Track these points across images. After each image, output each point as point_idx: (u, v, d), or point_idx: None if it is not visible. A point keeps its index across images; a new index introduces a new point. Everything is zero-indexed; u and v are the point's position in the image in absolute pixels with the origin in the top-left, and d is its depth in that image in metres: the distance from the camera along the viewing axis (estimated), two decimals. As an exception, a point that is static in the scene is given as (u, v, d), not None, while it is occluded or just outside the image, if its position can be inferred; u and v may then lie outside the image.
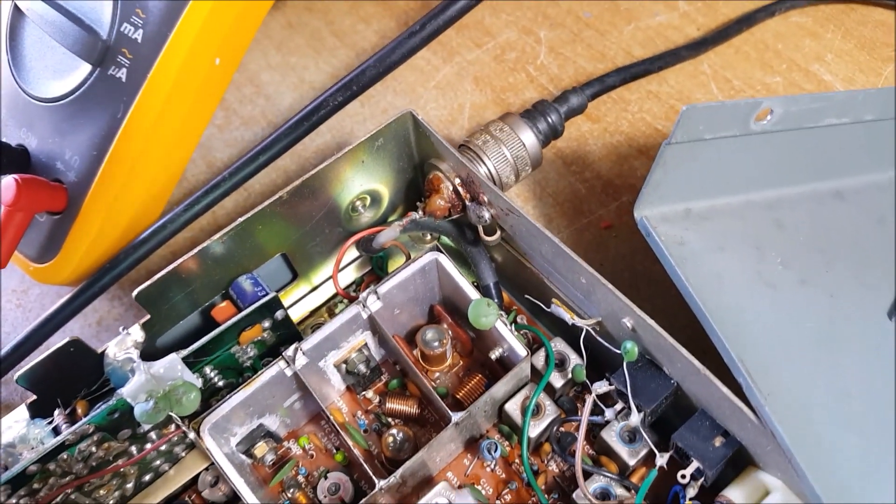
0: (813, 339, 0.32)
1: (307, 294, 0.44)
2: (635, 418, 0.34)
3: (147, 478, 0.38)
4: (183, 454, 0.38)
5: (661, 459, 0.33)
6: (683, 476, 0.32)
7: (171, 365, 0.34)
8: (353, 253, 0.44)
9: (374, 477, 0.34)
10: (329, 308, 0.44)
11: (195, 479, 0.38)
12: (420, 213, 0.40)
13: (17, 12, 0.44)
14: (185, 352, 0.34)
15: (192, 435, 0.34)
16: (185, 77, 0.40)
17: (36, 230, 0.43)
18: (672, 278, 0.33)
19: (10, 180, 0.40)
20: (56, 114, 0.42)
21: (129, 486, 0.37)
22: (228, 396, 0.34)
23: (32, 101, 0.43)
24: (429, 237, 0.44)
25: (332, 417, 0.35)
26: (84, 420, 0.33)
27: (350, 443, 0.35)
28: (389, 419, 0.39)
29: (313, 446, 0.39)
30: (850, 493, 0.28)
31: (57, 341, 0.35)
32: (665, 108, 0.49)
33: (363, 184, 0.40)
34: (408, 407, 0.39)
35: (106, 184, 0.41)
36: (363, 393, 0.40)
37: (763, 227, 0.36)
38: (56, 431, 0.35)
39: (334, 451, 0.39)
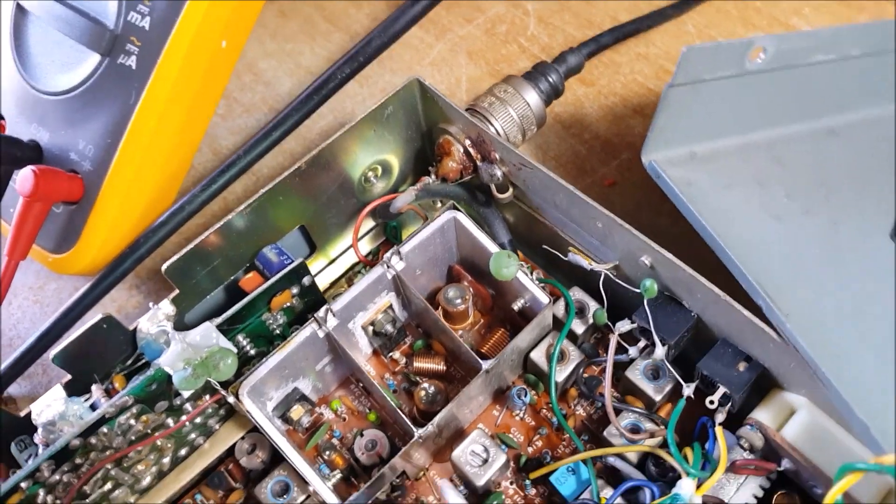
0: (822, 263, 0.34)
1: (325, 267, 0.44)
2: (660, 352, 0.35)
3: (183, 452, 0.38)
4: (217, 427, 0.39)
5: (688, 389, 0.35)
6: (711, 402, 0.34)
7: (206, 332, 0.35)
8: (367, 225, 0.45)
9: (412, 426, 0.35)
10: (348, 279, 0.45)
11: (230, 450, 0.39)
12: (433, 177, 0.41)
13: (21, 11, 0.44)
14: (218, 319, 0.35)
15: (231, 399, 0.35)
16: (193, 61, 0.41)
17: (53, 221, 0.43)
18: (685, 214, 0.35)
19: (27, 171, 0.41)
20: (67, 106, 0.43)
21: (166, 460, 0.38)
22: (265, 359, 0.35)
23: (42, 95, 0.44)
24: (439, 204, 0.45)
25: (366, 372, 0.36)
26: (123, 392, 0.34)
27: (386, 396, 0.36)
28: (417, 378, 0.40)
29: (345, 409, 0.40)
30: (873, 397, 0.29)
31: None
32: (655, 68, 0.50)
33: (374, 154, 0.42)
34: (435, 364, 0.40)
35: (121, 170, 0.42)
36: (390, 355, 0.41)
37: (764, 165, 0.38)
38: (94, 407, 0.35)
39: (367, 412, 0.40)
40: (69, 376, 0.36)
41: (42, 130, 0.44)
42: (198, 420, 0.38)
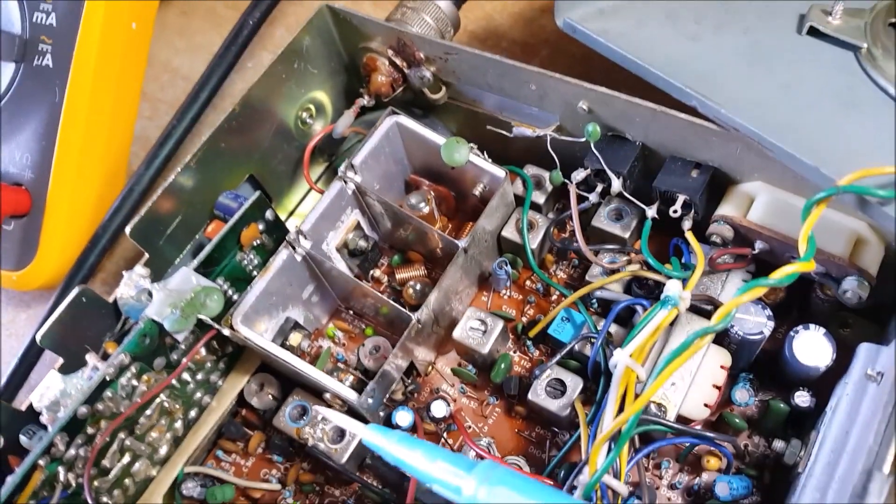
0: (742, 62, 0.36)
1: (287, 219, 0.45)
2: (616, 185, 0.37)
3: (193, 413, 0.39)
4: (220, 382, 0.39)
5: (651, 211, 0.37)
6: (675, 211, 0.35)
7: (185, 277, 0.35)
8: (319, 169, 0.46)
9: (409, 313, 0.35)
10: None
11: (239, 402, 0.39)
12: (365, 97, 0.42)
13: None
14: (194, 262, 0.36)
15: (226, 331, 0.35)
16: (108, 46, 0.42)
17: (7, 240, 0.43)
18: (607, 55, 0.37)
19: (-31, 190, 0.41)
20: (-7, 121, 0.43)
21: (178, 424, 0.38)
22: (249, 287, 0.36)
23: (-36, 119, 0.44)
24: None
25: (351, 278, 0.37)
26: (118, 350, 0.34)
27: (377, 294, 0.37)
28: (402, 287, 0.41)
29: (342, 334, 0.41)
30: (813, 143, 0.31)
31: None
32: (548, -33, 0.53)
33: (303, 92, 0.43)
34: (416, 271, 0.41)
35: (64, 170, 0.42)
36: (371, 273, 0.42)
37: (668, 1, 0.40)
38: (92, 378, 0.35)
39: (363, 328, 0.41)
40: (60, 361, 0.36)
41: (-27, 154, 0.44)
42: (199, 377, 0.38)
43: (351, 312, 0.42)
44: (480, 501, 0.24)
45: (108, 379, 0.34)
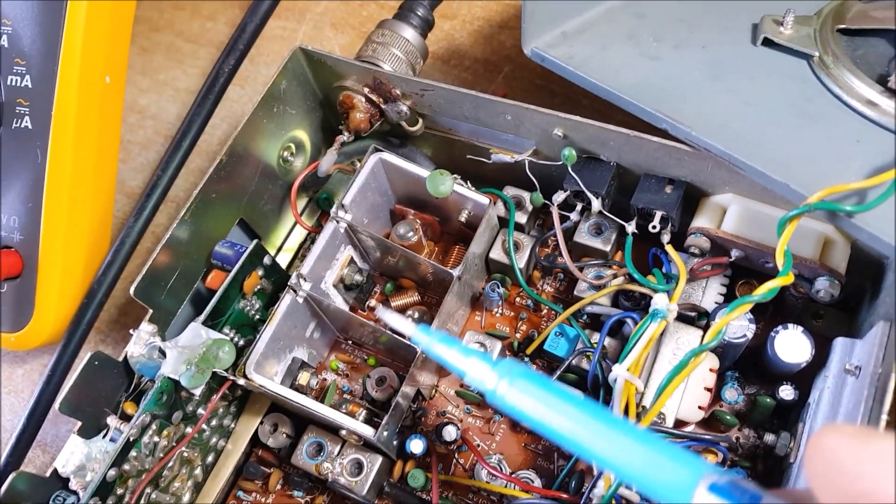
0: (704, 78, 0.38)
1: (275, 255, 0.46)
2: (596, 204, 0.39)
3: (210, 459, 0.40)
4: (233, 425, 0.41)
5: (631, 227, 0.39)
6: (654, 227, 0.38)
7: (195, 331, 0.36)
8: (301, 203, 0.47)
9: (408, 341, 0.37)
10: (302, 258, 0.47)
11: (253, 443, 0.41)
12: (345, 134, 0.43)
13: None
14: (201, 317, 0.37)
15: (241, 381, 0.36)
16: (85, 103, 0.42)
17: (2, 303, 0.44)
18: (576, 81, 0.38)
19: (-39, 259, 0.41)
20: (-25, 188, 0.43)
21: (198, 471, 0.39)
22: (259, 336, 0.37)
23: (-55, 188, 0.44)
24: (358, 163, 0.47)
25: (352, 314, 0.39)
26: (140, 411, 0.35)
27: (379, 328, 0.38)
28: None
29: (345, 365, 0.42)
30: (781, 160, 0.34)
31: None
32: (505, -18, 0.54)
33: (283, 132, 0.44)
34: (410, 298, 0.43)
35: (53, 227, 0.43)
36: (367, 304, 0.43)
37: (628, 21, 0.42)
38: (114, 440, 0.36)
39: (365, 359, 0.42)
40: (79, 424, 0.37)
41: (-43, 221, 0.44)
42: (214, 423, 0.39)
43: (350, 343, 0.43)
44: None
45: (131, 440, 0.35)
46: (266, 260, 0.40)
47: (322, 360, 0.43)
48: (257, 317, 0.40)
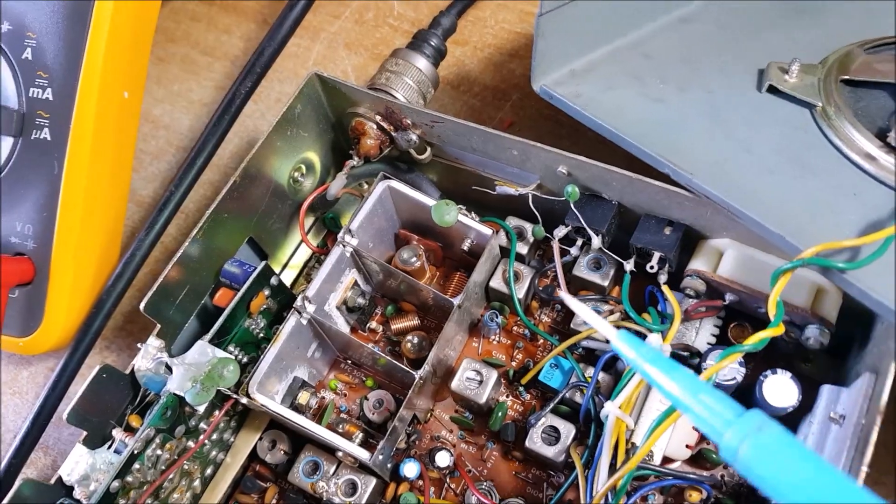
0: (707, 123, 0.39)
1: (280, 272, 0.47)
2: (596, 242, 0.40)
3: (209, 471, 0.41)
4: (232, 439, 0.42)
5: (629, 265, 0.40)
6: (651, 267, 0.39)
7: (201, 349, 0.37)
8: (308, 222, 0.48)
9: (411, 370, 0.38)
10: (305, 276, 0.48)
11: (251, 457, 0.42)
12: (355, 159, 0.44)
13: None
14: (208, 335, 0.38)
15: (244, 399, 0.37)
16: (103, 117, 0.43)
17: (13, 307, 0.45)
18: (582, 121, 0.39)
19: (-25, 265, 0.42)
20: (-8, 195, 0.44)
21: (196, 483, 0.40)
22: (263, 356, 0.38)
23: (-38, 193, 0.45)
24: (365, 186, 0.48)
25: (353, 338, 0.40)
26: (144, 425, 0.36)
27: (379, 352, 0.39)
28: (398, 338, 0.44)
29: (343, 385, 0.43)
30: (779, 212, 0.34)
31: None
32: (516, 13, 0.55)
33: (295, 154, 0.45)
34: (409, 321, 0.44)
35: (65, 238, 0.44)
36: (367, 326, 0.44)
37: (635, 62, 0.43)
38: (118, 451, 0.37)
39: (364, 379, 0.43)
40: (84, 434, 0.38)
41: (-28, 226, 0.45)
42: (214, 436, 0.40)
43: (350, 363, 0.44)
44: (742, 456, 0.22)
45: (135, 453, 0.36)
46: (273, 281, 0.41)
47: (321, 378, 0.44)
48: (261, 335, 0.41)
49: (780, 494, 0.22)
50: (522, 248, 0.43)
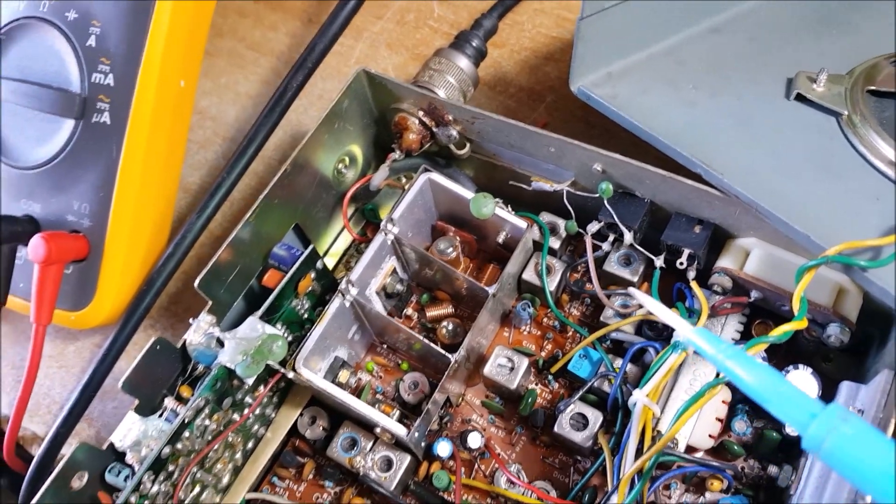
0: (738, 127, 0.41)
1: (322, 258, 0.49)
2: (628, 237, 0.41)
3: (250, 445, 0.43)
4: (274, 414, 0.44)
5: (659, 261, 0.41)
6: (681, 263, 0.40)
7: (252, 325, 0.39)
8: (349, 212, 0.50)
9: (448, 355, 0.40)
10: (345, 264, 0.50)
11: (290, 433, 0.44)
12: (397, 152, 0.47)
13: (-20, 99, 0.48)
14: (259, 312, 0.40)
15: (290, 374, 0.39)
16: (161, 103, 0.46)
17: (66, 282, 0.47)
18: (618, 121, 0.41)
19: (36, 239, 0.44)
20: (52, 174, 0.47)
21: (238, 455, 0.42)
22: (309, 334, 0.40)
23: (24, 172, 0.47)
24: (403, 179, 0.50)
25: (394, 321, 0.42)
26: (196, 395, 0.38)
27: (416, 335, 0.41)
28: (432, 325, 0.46)
29: (379, 367, 0.45)
30: (805, 213, 0.36)
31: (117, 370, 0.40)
32: (553, 18, 0.57)
33: (341, 146, 0.47)
34: (444, 309, 0.46)
35: (120, 218, 0.46)
36: (403, 313, 0.46)
37: (669, 68, 0.45)
38: (168, 420, 0.39)
39: (399, 363, 0.45)
40: (136, 402, 0.40)
41: (32, 203, 0.47)
42: (257, 411, 0.42)
43: (386, 347, 0.46)
44: (828, 446, 0.23)
45: (186, 421, 0.38)
46: (318, 264, 0.43)
47: (359, 360, 0.46)
48: (305, 316, 0.43)
49: (865, 482, 0.24)
50: (555, 243, 0.45)
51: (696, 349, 0.31)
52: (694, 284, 0.40)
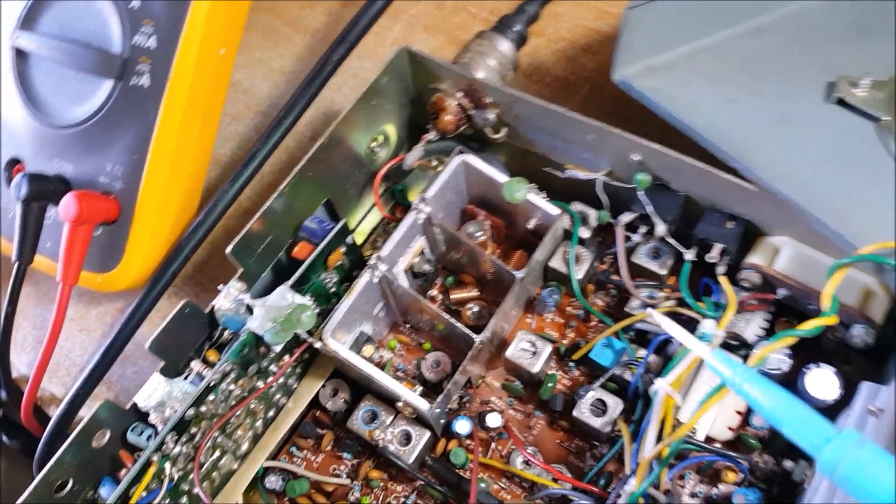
0: (777, 125, 0.41)
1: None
2: (662, 229, 0.42)
3: (271, 413, 0.43)
4: (296, 385, 0.44)
5: (690, 254, 0.42)
6: (711, 258, 0.41)
7: (282, 293, 0.40)
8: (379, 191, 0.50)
9: (473, 335, 0.40)
10: (371, 243, 0.50)
11: (311, 404, 0.44)
12: (432, 133, 0.47)
13: (21, 56, 0.48)
14: (290, 281, 0.40)
15: (317, 344, 0.40)
16: (201, 70, 0.46)
17: (94, 244, 0.47)
18: (658, 113, 0.41)
19: (68, 198, 0.44)
20: (87, 134, 0.47)
21: (259, 423, 0.43)
22: (337, 306, 0.40)
23: (59, 130, 0.47)
24: (434, 162, 0.51)
25: (421, 300, 0.42)
26: (223, 359, 0.38)
27: (441, 314, 0.42)
28: (456, 307, 0.46)
29: (402, 346, 0.46)
30: (839, 211, 0.36)
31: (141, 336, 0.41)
32: (593, 10, 0.57)
33: (376, 124, 0.47)
34: (469, 293, 0.46)
35: (153, 182, 0.46)
36: (428, 293, 0.46)
37: (710, 64, 0.45)
38: (194, 383, 0.40)
39: (421, 343, 0.45)
40: (162, 364, 0.40)
41: (65, 163, 0.48)
42: (280, 380, 0.42)
43: (409, 326, 0.46)
44: (843, 470, 0.24)
45: (212, 384, 0.38)
46: (349, 239, 0.43)
47: (382, 338, 0.46)
48: (332, 289, 0.44)
49: None
50: (584, 233, 0.45)
51: (713, 371, 0.32)
52: (723, 279, 0.40)
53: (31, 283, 0.54)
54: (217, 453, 0.40)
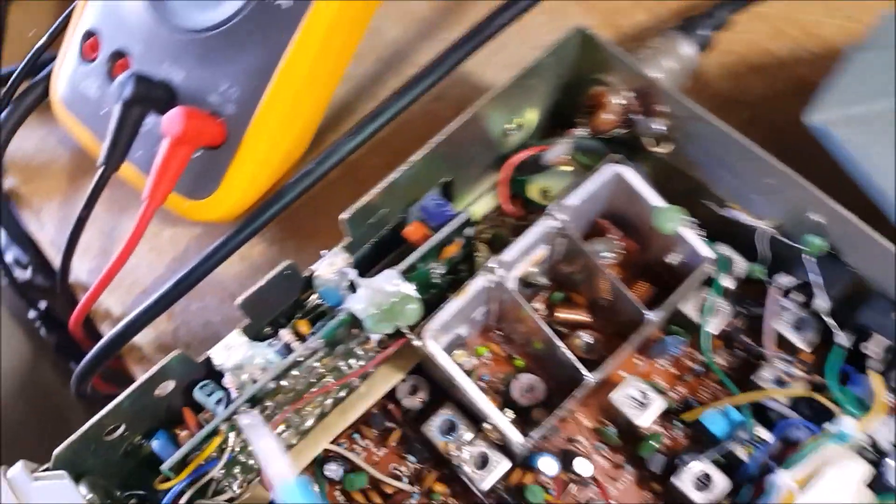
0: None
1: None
2: (824, 305, 0.37)
3: (343, 393, 0.39)
4: (373, 370, 0.40)
5: (845, 340, 0.37)
6: (866, 347, 0.36)
7: (389, 278, 0.35)
8: (493, 179, 0.45)
9: (586, 373, 0.36)
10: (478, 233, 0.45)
11: (387, 395, 0.40)
12: (583, 129, 0.42)
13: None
14: (401, 265, 0.36)
15: (416, 342, 0.36)
16: (347, 2, 0.41)
17: (190, 168, 0.42)
18: (851, 171, 0.36)
19: (177, 111, 0.40)
20: (207, 45, 0.42)
21: (329, 402, 0.39)
22: (444, 306, 0.36)
23: (176, 33, 0.43)
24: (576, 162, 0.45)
25: (535, 318, 0.37)
26: (316, 336, 0.35)
27: (556, 341, 0.37)
28: (560, 328, 0.41)
29: (491, 354, 0.41)
30: None
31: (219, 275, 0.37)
32: (772, 28, 0.51)
33: (521, 106, 0.42)
34: (579, 316, 0.41)
35: (268, 115, 0.41)
36: (531, 304, 0.42)
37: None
38: (279, 352, 0.36)
39: (511, 356, 0.41)
40: (246, 321, 0.36)
41: (176, 70, 0.43)
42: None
43: (500, 334, 0.42)
44: None
45: (299, 360, 0.34)
46: (468, 231, 0.39)
47: (472, 339, 0.42)
48: (435, 280, 0.39)
49: None
50: (726, 281, 0.40)
51: None
52: (877, 379, 0.36)
53: (108, 188, 0.50)
54: (282, 427, 0.37)
